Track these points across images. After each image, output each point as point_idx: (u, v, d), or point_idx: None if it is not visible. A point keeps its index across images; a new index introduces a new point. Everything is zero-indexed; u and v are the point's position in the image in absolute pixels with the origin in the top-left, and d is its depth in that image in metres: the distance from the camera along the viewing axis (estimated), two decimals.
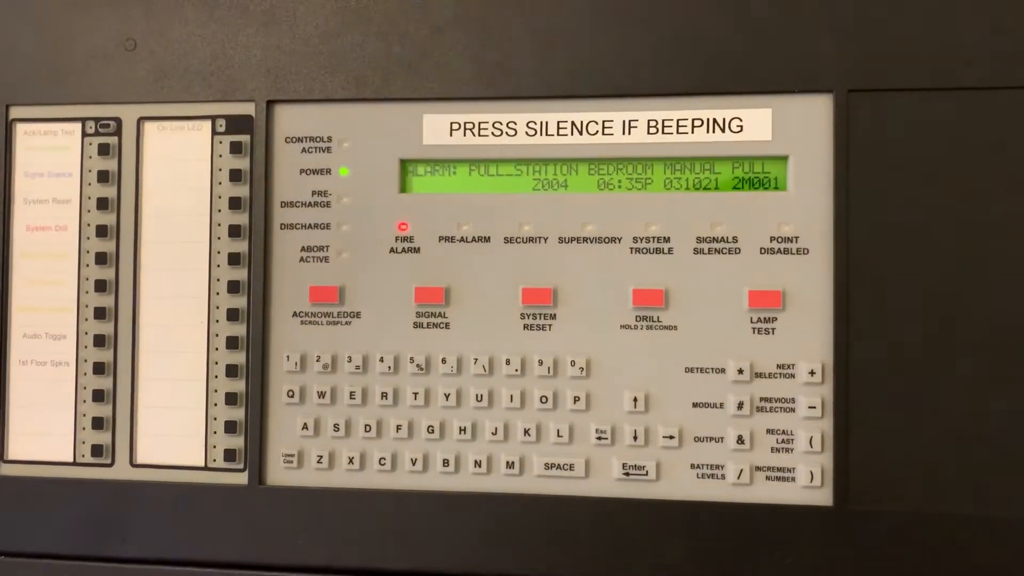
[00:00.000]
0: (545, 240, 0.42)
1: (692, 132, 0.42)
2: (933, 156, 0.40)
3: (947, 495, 0.39)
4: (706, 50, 0.41)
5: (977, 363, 0.39)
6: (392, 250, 0.43)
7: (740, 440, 0.41)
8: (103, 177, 0.45)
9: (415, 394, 0.42)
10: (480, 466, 0.42)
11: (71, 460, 0.44)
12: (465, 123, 0.43)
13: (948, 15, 0.40)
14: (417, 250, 0.43)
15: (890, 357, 0.40)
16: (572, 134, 0.42)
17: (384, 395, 0.43)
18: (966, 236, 0.39)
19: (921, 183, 0.40)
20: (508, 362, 0.42)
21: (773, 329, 0.41)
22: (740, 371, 0.41)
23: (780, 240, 0.41)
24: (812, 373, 0.40)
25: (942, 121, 0.40)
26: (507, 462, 0.42)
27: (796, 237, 0.41)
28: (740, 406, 0.41)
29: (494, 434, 0.42)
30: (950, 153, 0.40)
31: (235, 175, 0.44)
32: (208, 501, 0.43)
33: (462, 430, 0.42)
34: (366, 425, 0.43)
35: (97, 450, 0.44)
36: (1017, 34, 0.39)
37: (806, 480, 0.40)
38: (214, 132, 0.44)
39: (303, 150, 0.44)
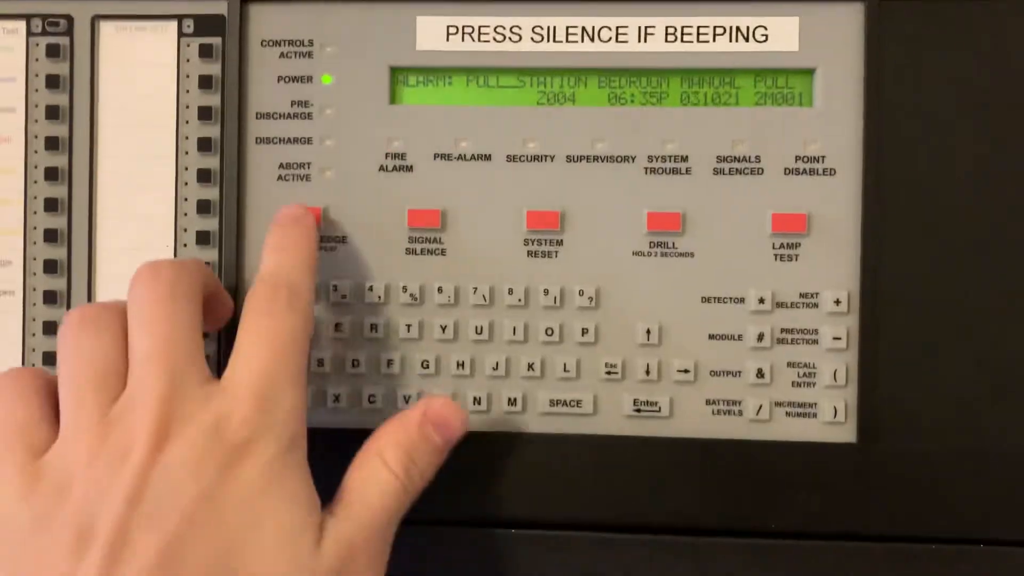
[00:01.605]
0: (551, 159, 0.39)
1: (713, 41, 0.38)
2: (973, 71, 0.37)
3: (978, 432, 0.37)
4: None
5: (1014, 291, 0.37)
6: (382, 168, 0.39)
7: (759, 374, 0.38)
8: (52, 83, 0.39)
9: (408, 326, 0.39)
10: (479, 403, 0.39)
11: None
12: (463, 27, 0.39)
13: None
14: (410, 168, 0.39)
15: (920, 286, 0.37)
16: (582, 41, 0.38)
17: (373, 327, 0.39)
18: (1004, 156, 0.37)
19: (959, 100, 0.37)
20: (510, 292, 0.38)
21: (797, 256, 0.38)
22: (761, 300, 0.38)
23: (806, 160, 0.38)
24: (837, 302, 0.37)
25: (984, 33, 0.37)
26: (509, 399, 0.38)
27: (823, 156, 0.38)
28: (760, 338, 0.38)
29: (495, 369, 0.38)
30: (992, 68, 0.37)
31: (204, 82, 0.39)
32: None
33: (460, 365, 0.39)
34: (353, 360, 0.39)
35: None
36: None
37: (829, 416, 0.38)
38: (180, 34, 0.39)
39: (281, 55, 0.39)
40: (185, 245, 0.39)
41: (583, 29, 0.38)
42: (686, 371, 0.38)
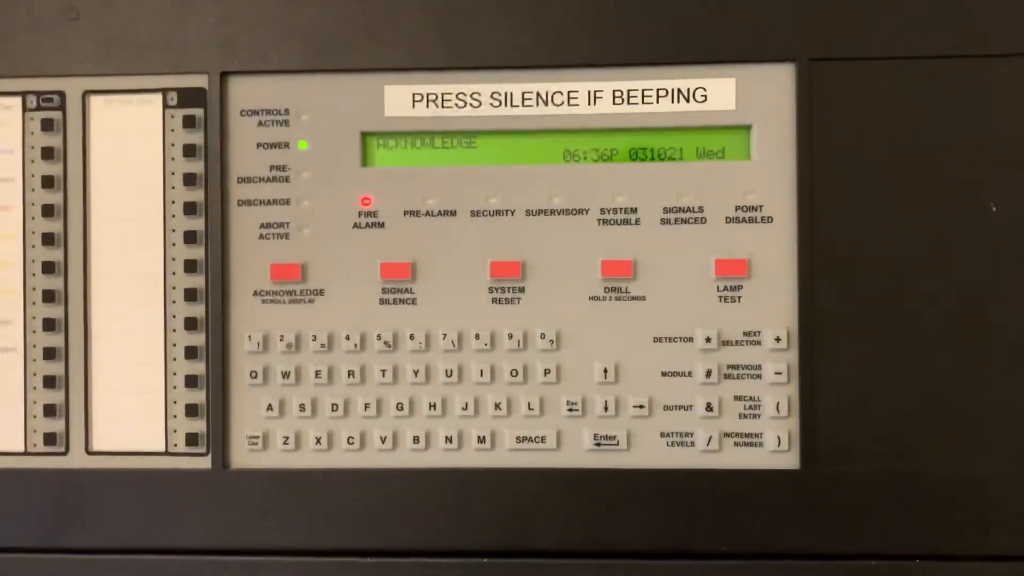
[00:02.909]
0: (512, 213, 0.42)
1: (657, 102, 0.41)
2: (897, 125, 0.40)
3: (911, 456, 0.40)
4: (670, 19, 0.41)
5: (940, 325, 0.40)
6: (356, 225, 0.42)
7: (709, 407, 0.41)
8: (47, 154, 0.43)
9: (383, 371, 0.42)
10: (451, 442, 0.42)
11: (22, 450, 0.43)
12: (428, 94, 0.42)
13: None
14: (381, 225, 0.42)
15: (854, 322, 0.40)
16: (537, 105, 0.42)
17: (351, 373, 0.42)
18: (929, 203, 0.40)
19: (885, 152, 0.40)
20: (477, 337, 0.42)
21: (739, 297, 0.41)
22: (708, 339, 0.41)
23: (745, 209, 0.41)
24: (778, 340, 0.41)
25: (906, 90, 0.40)
26: (478, 437, 0.41)
27: (760, 206, 0.41)
28: (708, 374, 0.41)
29: (464, 409, 0.42)
30: (914, 122, 0.40)
31: (189, 150, 0.42)
32: (171, 487, 0.42)
33: (432, 406, 0.42)
34: (333, 404, 0.42)
35: (50, 438, 0.42)
36: (985, 1, 0.40)
37: (773, 444, 0.41)
38: (165, 106, 0.43)
39: (260, 123, 0.42)
40: (174, 302, 0.42)
41: (537, 94, 0.42)
42: (641, 406, 0.41)
